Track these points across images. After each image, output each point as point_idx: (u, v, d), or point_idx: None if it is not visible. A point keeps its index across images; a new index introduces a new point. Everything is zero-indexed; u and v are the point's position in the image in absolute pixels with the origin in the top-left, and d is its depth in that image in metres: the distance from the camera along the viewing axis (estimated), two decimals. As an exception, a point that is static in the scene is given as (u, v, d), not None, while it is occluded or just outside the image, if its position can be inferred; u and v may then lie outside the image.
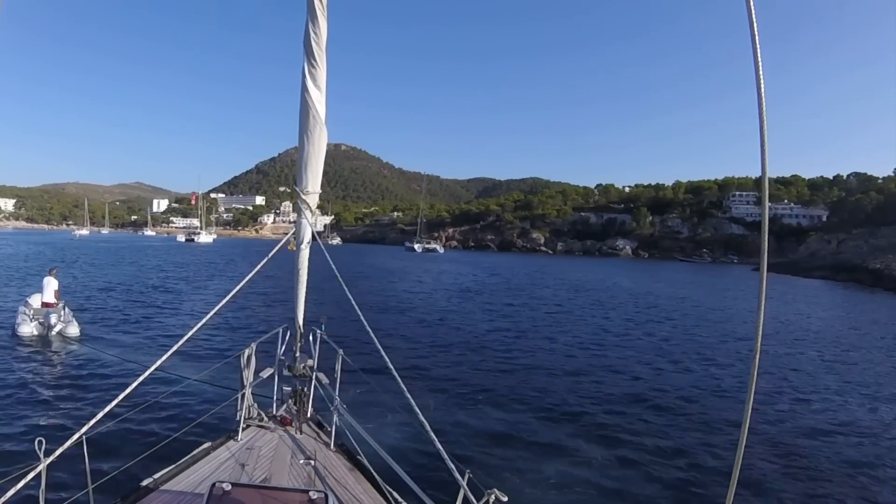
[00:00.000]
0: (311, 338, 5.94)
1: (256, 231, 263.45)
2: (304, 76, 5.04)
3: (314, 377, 5.59)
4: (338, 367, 5.54)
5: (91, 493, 3.68)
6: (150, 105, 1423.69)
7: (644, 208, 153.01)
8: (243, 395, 5.24)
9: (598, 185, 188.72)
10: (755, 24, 1.93)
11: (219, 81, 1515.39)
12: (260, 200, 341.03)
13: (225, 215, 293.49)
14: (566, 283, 45.46)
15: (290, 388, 5.75)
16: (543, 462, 8.09)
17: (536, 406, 10.87)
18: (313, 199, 5.37)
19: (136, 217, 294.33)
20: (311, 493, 3.32)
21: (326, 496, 3.34)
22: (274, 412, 5.65)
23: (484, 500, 3.30)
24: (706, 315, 27.42)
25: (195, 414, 7.89)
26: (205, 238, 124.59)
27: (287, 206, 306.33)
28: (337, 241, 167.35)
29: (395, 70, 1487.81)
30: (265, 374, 5.42)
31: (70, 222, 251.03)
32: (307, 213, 5.37)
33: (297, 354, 5.70)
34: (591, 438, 9.22)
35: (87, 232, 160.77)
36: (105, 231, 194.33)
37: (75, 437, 3.53)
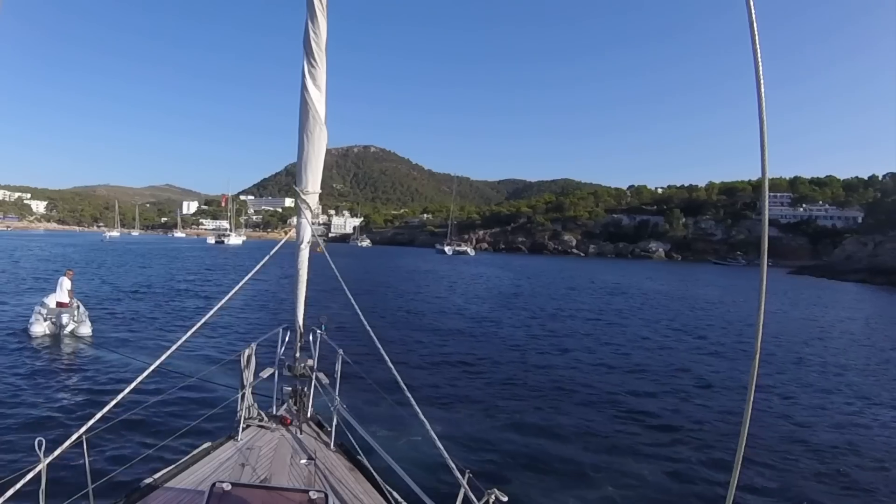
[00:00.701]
0: (311, 338, 5.91)
1: (285, 233, 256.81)
2: (303, 76, 5.01)
3: (314, 377, 5.55)
4: (338, 367, 5.50)
5: (91, 493, 3.66)
6: (178, 109, 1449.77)
7: (677, 210, 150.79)
8: (243, 395, 5.21)
9: (631, 187, 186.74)
10: (755, 25, 1.90)
11: (246, 84, 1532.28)
12: (289, 202, 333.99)
13: (254, 217, 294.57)
14: (602, 286, 44.68)
15: (290, 388, 5.72)
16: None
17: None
18: (313, 199, 5.38)
19: (165, 219, 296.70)
20: (311, 493, 3.31)
21: (326, 496, 3.32)
22: (274, 412, 5.61)
23: (484, 500, 3.28)
24: (746, 320, 26.45)
25: (195, 414, 7.91)
26: (234, 240, 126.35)
27: (316, 208, 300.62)
28: (366, 242, 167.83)
29: (425, 73, 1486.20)
30: (265, 374, 5.38)
31: (101, 224, 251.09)
32: (307, 213, 5.38)
33: (297, 354, 5.67)
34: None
35: (118, 234, 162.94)
36: (135, 233, 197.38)
37: (75, 436, 3.53)
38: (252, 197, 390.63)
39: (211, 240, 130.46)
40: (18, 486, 3.14)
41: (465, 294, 34.38)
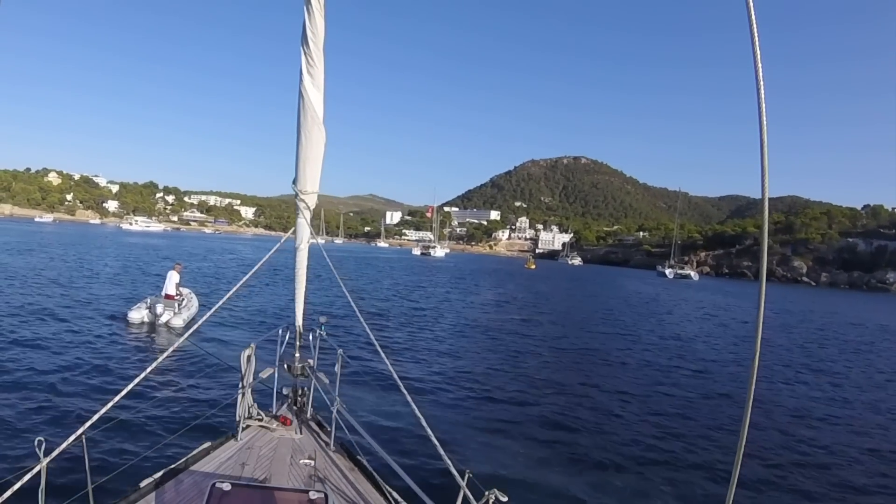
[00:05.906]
0: (311, 338, 5.91)
1: (490, 247, 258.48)
2: (301, 74, 4.95)
3: (314, 377, 5.58)
4: (338, 367, 5.52)
5: (91, 493, 3.68)
6: (383, 126, 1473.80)
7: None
8: (243, 395, 5.27)
9: (866, 207, 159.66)
10: (755, 26, 1.89)
11: (446, 101, 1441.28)
12: (495, 215, 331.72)
13: (458, 229, 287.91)
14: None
15: (290, 388, 5.77)
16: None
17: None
18: (311, 200, 5.34)
19: (368, 228, 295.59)
20: (310, 493, 3.37)
21: (326, 496, 3.37)
22: (274, 412, 5.65)
23: (484, 500, 3.31)
24: None
25: (195, 414, 7.99)
26: (438, 252, 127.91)
27: (524, 221, 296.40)
28: (577, 261, 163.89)
29: (645, 82, 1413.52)
30: (265, 374, 5.41)
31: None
32: (305, 213, 5.36)
33: (297, 354, 5.68)
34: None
35: (322, 241, 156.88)
36: (339, 241, 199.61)
37: (74, 436, 3.60)
38: (456, 209, 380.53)
39: (416, 251, 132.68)
40: (18, 485, 3.20)
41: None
